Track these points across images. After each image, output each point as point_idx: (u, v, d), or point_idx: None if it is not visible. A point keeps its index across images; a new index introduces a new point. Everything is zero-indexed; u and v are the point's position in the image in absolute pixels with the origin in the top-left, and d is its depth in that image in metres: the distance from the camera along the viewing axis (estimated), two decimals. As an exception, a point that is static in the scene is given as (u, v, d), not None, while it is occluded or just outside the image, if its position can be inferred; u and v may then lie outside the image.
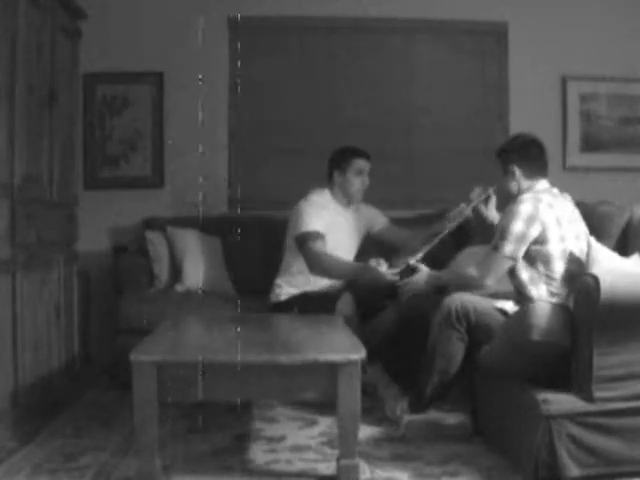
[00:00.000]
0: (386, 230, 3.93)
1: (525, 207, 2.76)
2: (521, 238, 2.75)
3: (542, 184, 2.92)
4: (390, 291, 3.53)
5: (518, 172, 2.93)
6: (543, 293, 2.76)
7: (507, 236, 2.76)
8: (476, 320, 2.80)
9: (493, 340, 2.70)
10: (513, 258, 2.78)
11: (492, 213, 3.32)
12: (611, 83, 4.75)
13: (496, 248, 2.80)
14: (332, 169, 3.76)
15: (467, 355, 2.85)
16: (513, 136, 3.14)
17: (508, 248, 2.76)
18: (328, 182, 3.78)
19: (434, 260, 3.39)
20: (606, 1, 4.75)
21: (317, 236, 3.57)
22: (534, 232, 2.74)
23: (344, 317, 3.27)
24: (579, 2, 4.74)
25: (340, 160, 3.75)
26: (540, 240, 2.75)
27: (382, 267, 3.33)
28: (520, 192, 2.93)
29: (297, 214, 3.64)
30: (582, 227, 2.88)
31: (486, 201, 3.34)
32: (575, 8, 4.73)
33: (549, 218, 2.75)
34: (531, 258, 2.77)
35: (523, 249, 2.76)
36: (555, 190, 2.92)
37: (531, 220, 2.74)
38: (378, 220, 3.94)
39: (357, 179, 3.73)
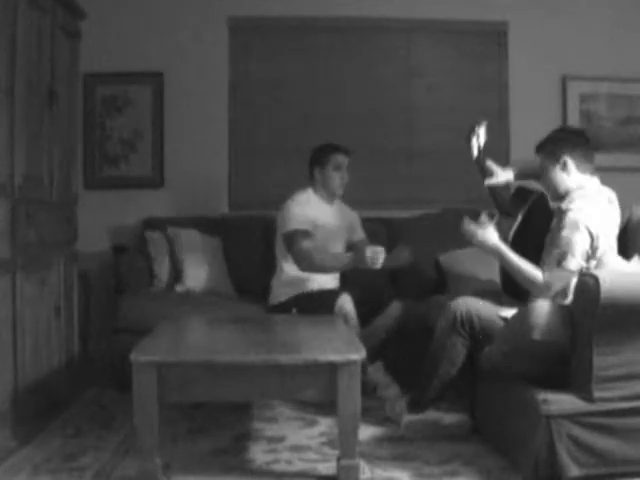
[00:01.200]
0: (360, 244, 3.90)
1: (586, 220, 2.63)
2: (584, 253, 2.64)
3: (593, 184, 2.79)
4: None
5: (571, 163, 2.78)
6: None
7: (572, 251, 2.62)
8: (480, 326, 2.79)
9: (495, 340, 2.70)
10: (577, 272, 2.62)
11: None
12: (611, 83, 4.75)
13: (561, 265, 2.64)
14: (312, 167, 3.80)
15: (468, 356, 2.85)
16: (559, 128, 2.96)
17: (574, 264, 2.63)
18: (310, 180, 3.80)
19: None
20: (606, 1, 4.75)
21: (305, 234, 3.59)
22: (589, 246, 2.65)
23: (343, 316, 3.28)
24: (579, 2, 4.75)
25: (319, 157, 3.78)
26: (592, 254, 2.67)
27: (379, 248, 3.32)
28: (568, 190, 2.79)
29: (283, 214, 3.68)
30: (615, 231, 2.82)
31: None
32: (575, 8, 4.74)
33: (602, 233, 2.67)
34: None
35: (584, 261, 2.66)
36: (606, 192, 2.81)
37: (590, 234, 2.63)
38: (358, 231, 3.96)
39: (336, 174, 3.75)
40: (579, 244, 2.63)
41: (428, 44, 4.79)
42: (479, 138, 3.11)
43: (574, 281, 2.56)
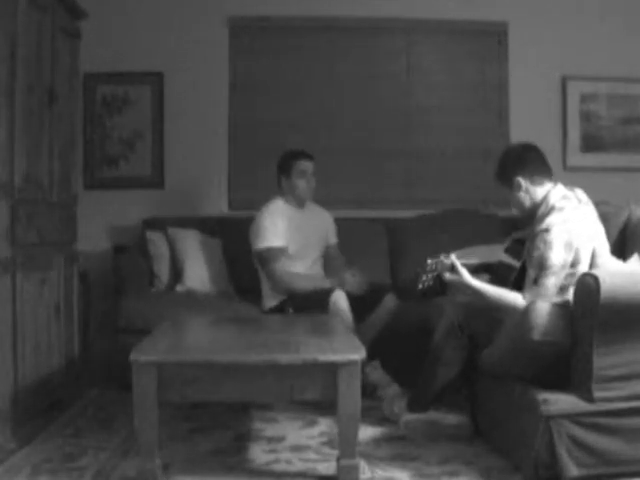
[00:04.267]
0: (331, 249, 3.94)
1: (559, 235, 2.64)
2: (562, 267, 2.65)
3: (558, 191, 2.77)
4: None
5: (524, 182, 2.80)
6: None
7: (549, 267, 2.64)
8: (477, 330, 2.80)
9: (494, 341, 2.70)
10: (556, 286, 2.66)
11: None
12: (611, 83, 4.75)
13: (537, 282, 2.66)
14: (279, 175, 3.81)
15: (468, 358, 2.85)
16: (504, 150, 2.96)
17: (552, 281, 2.65)
18: (278, 189, 3.81)
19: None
20: (606, 1, 4.75)
21: (278, 253, 3.62)
22: (570, 258, 2.66)
23: (338, 312, 3.29)
24: (579, 2, 4.75)
25: (283, 165, 3.80)
26: (573, 263, 2.67)
27: (355, 279, 3.53)
28: (535, 204, 2.80)
29: (254, 228, 3.70)
30: (601, 231, 2.81)
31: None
32: (575, 8, 4.74)
33: (582, 239, 2.67)
34: (563, 283, 2.69)
35: (563, 275, 2.66)
36: (574, 193, 2.79)
37: (567, 247, 2.64)
38: (331, 236, 3.95)
39: (301, 181, 3.76)
40: (554, 260, 2.63)
41: (428, 44, 4.79)
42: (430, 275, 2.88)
43: (553, 295, 2.62)
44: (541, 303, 2.56)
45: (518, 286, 2.79)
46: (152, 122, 4.61)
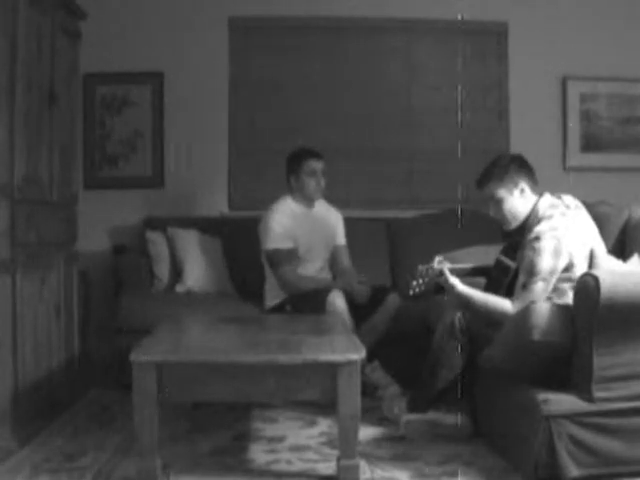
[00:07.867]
0: (337, 251, 3.91)
1: (548, 242, 2.66)
2: (551, 273, 2.67)
3: (546, 200, 2.81)
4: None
5: (527, 187, 2.82)
6: None
7: (537, 273, 2.66)
8: (477, 329, 2.80)
9: (494, 341, 2.70)
10: (546, 291, 2.69)
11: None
12: (611, 83, 4.75)
13: (526, 287, 2.69)
14: (288, 174, 3.79)
15: (468, 357, 2.85)
16: (501, 157, 2.95)
17: (540, 286, 2.67)
18: (287, 187, 3.79)
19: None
20: (606, 1, 4.75)
21: (287, 255, 3.62)
22: (562, 264, 2.68)
23: (335, 312, 3.29)
24: (579, 2, 4.75)
25: (292, 164, 3.78)
26: (567, 267, 2.69)
27: (364, 288, 3.53)
28: (527, 214, 2.82)
29: (263, 227, 3.69)
30: (595, 232, 2.82)
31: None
32: (575, 8, 4.74)
33: (573, 244, 2.69)
34: (560, 287, 2.71)
35: (553, 281, 2.69)
36: (561, 201, 2.82)
37: (557, 253, 2.66)
38: (339, 238, 3.92)
39: (311, 180, 3.74)
40: (542, 266, 2.65)
41: (428, 44, 4.79)
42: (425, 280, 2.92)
43: (541, 300, 2.63)
44: (541, 303, 2.57)
45: (511, 292, 2.80)
46: (152, 122, 4.61)
